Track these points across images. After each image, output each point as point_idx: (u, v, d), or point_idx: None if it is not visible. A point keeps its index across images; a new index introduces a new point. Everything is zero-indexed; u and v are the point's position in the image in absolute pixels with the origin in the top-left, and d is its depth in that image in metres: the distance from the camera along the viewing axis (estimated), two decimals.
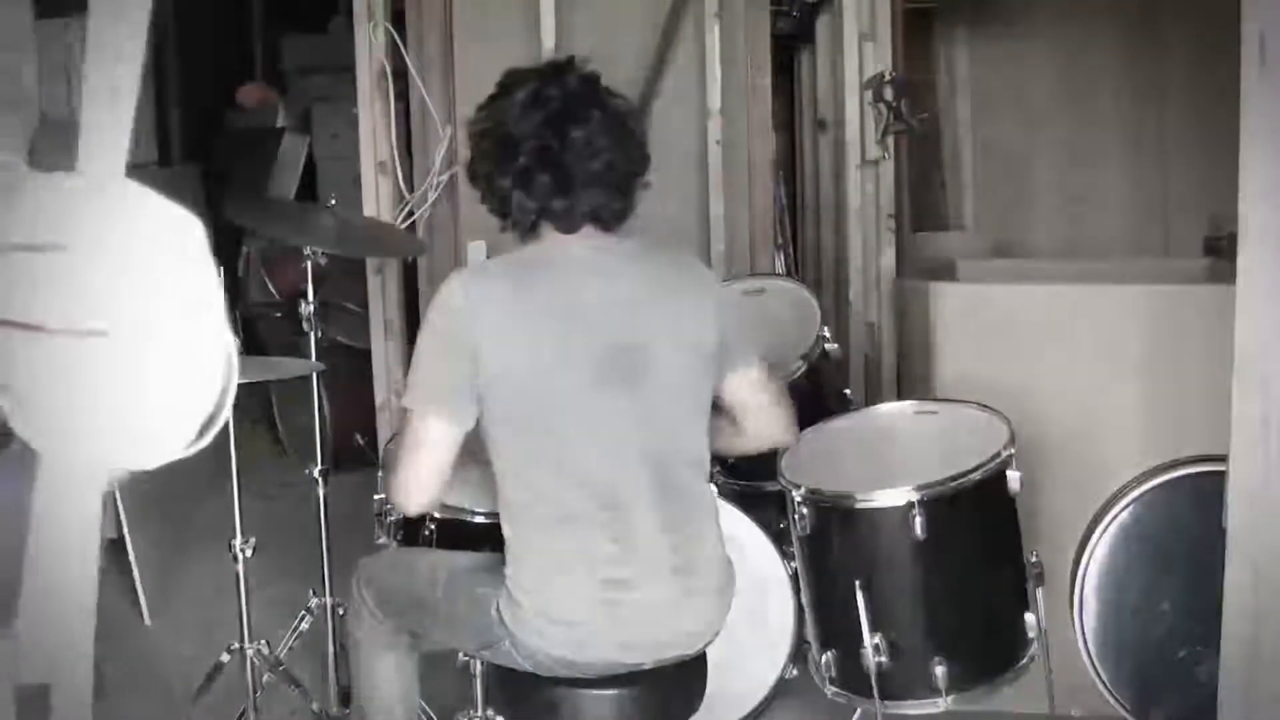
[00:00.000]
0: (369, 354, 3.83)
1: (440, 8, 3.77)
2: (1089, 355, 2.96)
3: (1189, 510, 2.56)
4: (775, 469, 2.57)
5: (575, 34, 3.71)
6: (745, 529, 2.80)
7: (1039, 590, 2.52)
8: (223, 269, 0.72)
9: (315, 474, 3.09)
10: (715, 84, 3.80)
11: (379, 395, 3.76)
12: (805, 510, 2.48)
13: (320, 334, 3.06)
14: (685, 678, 2.20)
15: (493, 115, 2.16)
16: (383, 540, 2.65)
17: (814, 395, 2.93)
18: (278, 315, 5.15)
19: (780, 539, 2.82)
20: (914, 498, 2.39)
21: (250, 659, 2.85)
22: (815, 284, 4.17)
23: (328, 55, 5.50)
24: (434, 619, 2.27)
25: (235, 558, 2.87)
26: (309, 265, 3.04)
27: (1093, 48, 5.00)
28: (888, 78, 3.80)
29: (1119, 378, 2.93)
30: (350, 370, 4.19)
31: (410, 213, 3.73)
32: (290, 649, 3.05)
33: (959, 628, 2.47)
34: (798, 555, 2.59)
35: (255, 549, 2.90)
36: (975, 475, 2.44)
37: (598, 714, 2.15)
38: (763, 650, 2.85)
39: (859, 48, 3.87)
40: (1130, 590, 2.62)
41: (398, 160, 3.72)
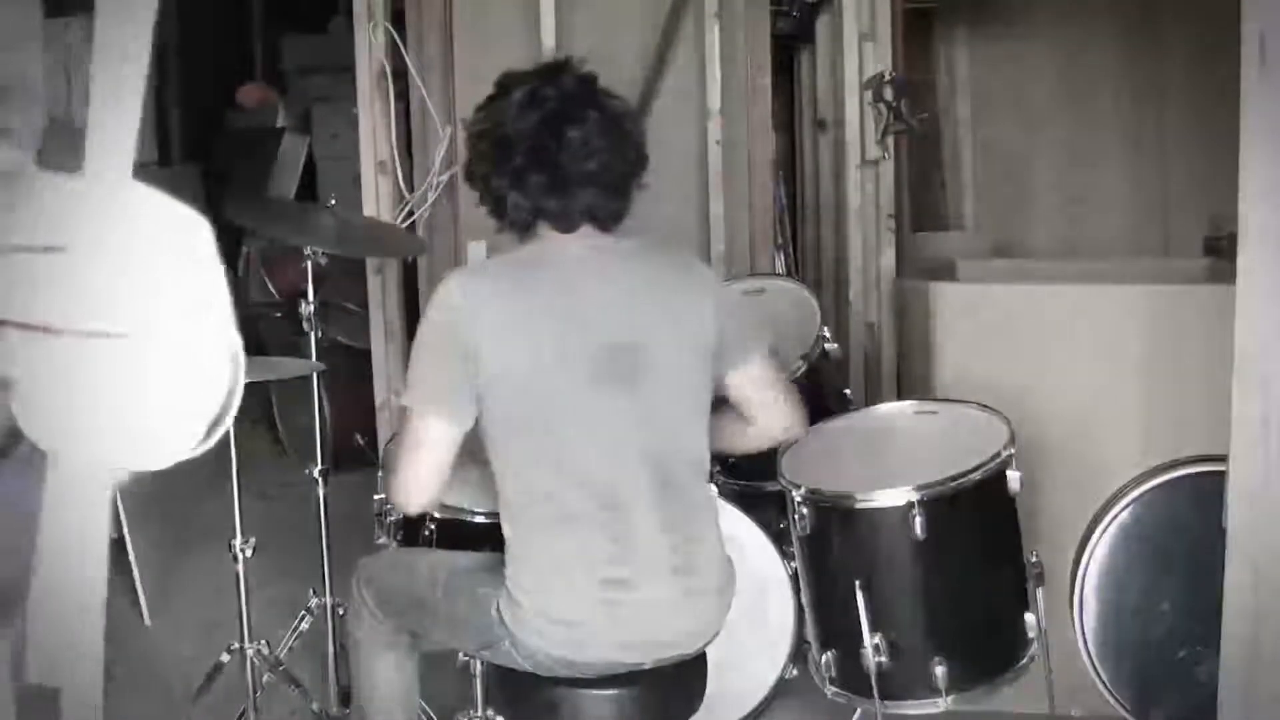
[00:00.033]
0: (369, 354, 3.83)
1: (440, 8, 3.77)
2: (1089, 355, 2.95)
3: (1189, 510, 2.55)
4: (775, 469, 2.57)
5: (575, 34, 3.71)
6: (745, 529, 2.80)
7: (1039, 590, 2.52)
8: (224, 269, 0.71)
9: (315, 474, 3.09)
10: (715, 84, 3.80)
11: (379, 395, 3.76)
12: (805, 510, 2.48)
13: (320, 334, 3.06)
14: (685, 678, 2.20)
15: (489, 116, 2.17)
16: (383, 540, 2.65)
17: (814, 395, 2.91)
18: (278, 315, 5.14)
19: (780, 539, 2.82)
20: (914, 498, 2.39)
21: (250, 659, 2.85)
22: (815, 284, 4.17)
23: (328, 55, 5.50)
24: (434, 619, 2.27)
25: (235, 558, 2.87)
26: (309, 265, 3.04)
27: (1093, 48, 4.99)
28: (888, 78, 3.80)
29: (1119, 378, 2.93)
30: (350, 370, 4.19)
31: (410, 213, 3.73)
32: (290, 649, 3.04)
33: (959, 628, 2.46)
34: (798, 555, 2.59)
35: (255, 549, 2.90)
36: (975, 475, 2.43)
37: (598, 714, 2.15)
38: (763, 650, 2.85)
39: (859, 48, 3.87)
40: (1130, 590, 2.62)
41: (398, 160, 3.72)
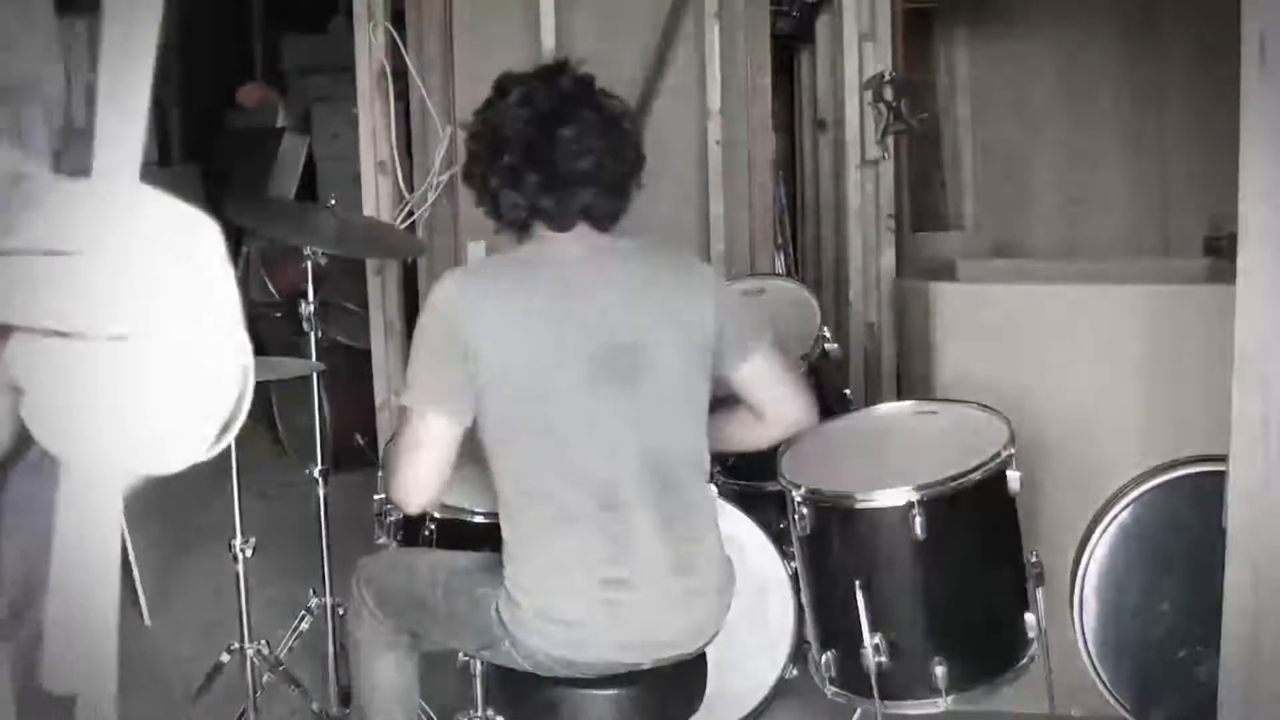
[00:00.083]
0: (369, 354, 3.83)
1: (440, 8, 3.77)
2: (1089, 355, 2.95)
3: (1189, 510, 2.55)
4: (775, 469, 2.57)
5: (575, 34, 3.71)
6: (745, 529, 2.80)
7: (1039, 590, 2.51)
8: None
9: (315, 474, 3.09)
10: (715, 84, 3.80)
11: (379, 395, 3.76)
12: (805, 510, 2.48)
13: (320, 334, 3.06)
14: (685, 678, 2.20)
15: (486, 117, 2.17)
16: (383, 540, 2.65)
17: (814, 395, 2.92)
18: (278, 315, 5.14)
19: (780, 539, 2.82)
20: (914, 498, 2.39)
21: (250, 659, 2.85)
22: (815, 284, 4.17)
23: (328, 55, 5.50)
24: (434, 619, 2.27)
25: (235, 558, 2.87)
26: (309, 265, 3.04)
27: (1093, 48, 4.99)
28: (888, 78, 3.79)
29: (1119, 378, 2.92)
30: (350, 370, 4.19)
31: (410, 213, 3.73)
32: (290, 649, 3.05)
33: (959, 628, 2.46)
34: (798, 555, 2.59)
35: (255, 549, 2.90)
36: (975, 475, 2.43)
37: (597, 714, 2.15)
38: (763, 650, 2.85)
39: (859, 48, 3.87)
40: (1130, 590, 2.62)
41: (398, 160, 3.72)
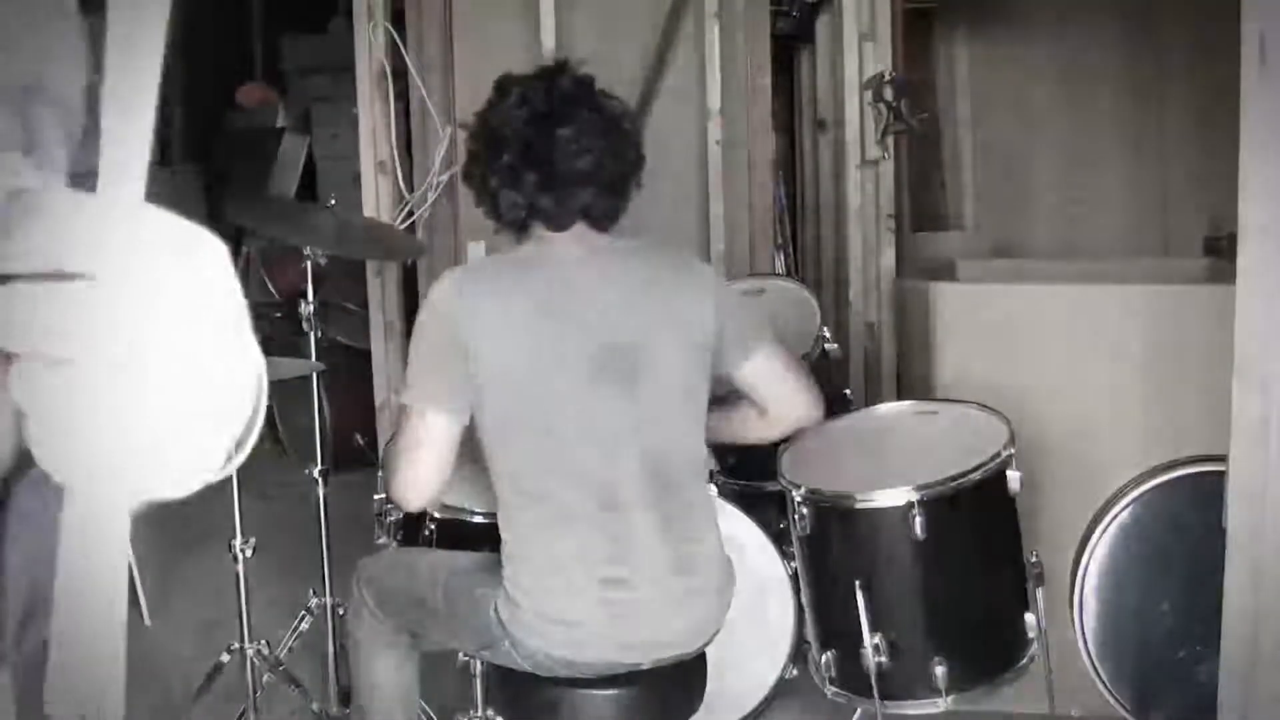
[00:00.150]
0: (369, 354, 3.83)
1: (440, 8, 3.77)
2: (1089, 355, 2.95)
3: (1189, 510, 2.55)
4: (775, 469, 2.57)
5: (575, 34, 3.71)
6: (745, 529, 2.80)
7: (1039, 590, 2.51)
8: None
9: (315, 474, 3.09)
10: (715, 84, 3.80)
11: (379, 395, 3.76)
12: (805, 510, 2.48)
13: (320, 334, 3.06)
14: (685, 678, 2.20)
15: (486, 118, 2.17)
16: (383, 540, 2.64)
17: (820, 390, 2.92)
18: (278, 315, 5.14)
19: (780, 539, 2.82)
20: (914, 498, 2.39)
21: (250, 659, 2.85)
22: (815, 284, 4.16)
23: (328, 55, 5.51)
24: (434, 619, 2.27)
25: (235, 558, 2.87)
26: (309, 265, 3.04)
27: (1093, 48, 4.98)
28: (888, 78, 3.79)
29: (1119, 378, 2.92)
30: (350, 370, 4.19)
31: (410, 213, 3.73)
32: (290, 649, 3.05)
33: (959, 628, 2.46)
34: (798, 555, 2.59)
35: (255, 549, 2.89)
36: (975, 475, 2.43)
37: (597, 714, 2.15)
38: (763, 650, 2.85)
39: (859, 48, 3.86)
40: (1130, 590, 2.62)
41: (398, 160, 3.72)
